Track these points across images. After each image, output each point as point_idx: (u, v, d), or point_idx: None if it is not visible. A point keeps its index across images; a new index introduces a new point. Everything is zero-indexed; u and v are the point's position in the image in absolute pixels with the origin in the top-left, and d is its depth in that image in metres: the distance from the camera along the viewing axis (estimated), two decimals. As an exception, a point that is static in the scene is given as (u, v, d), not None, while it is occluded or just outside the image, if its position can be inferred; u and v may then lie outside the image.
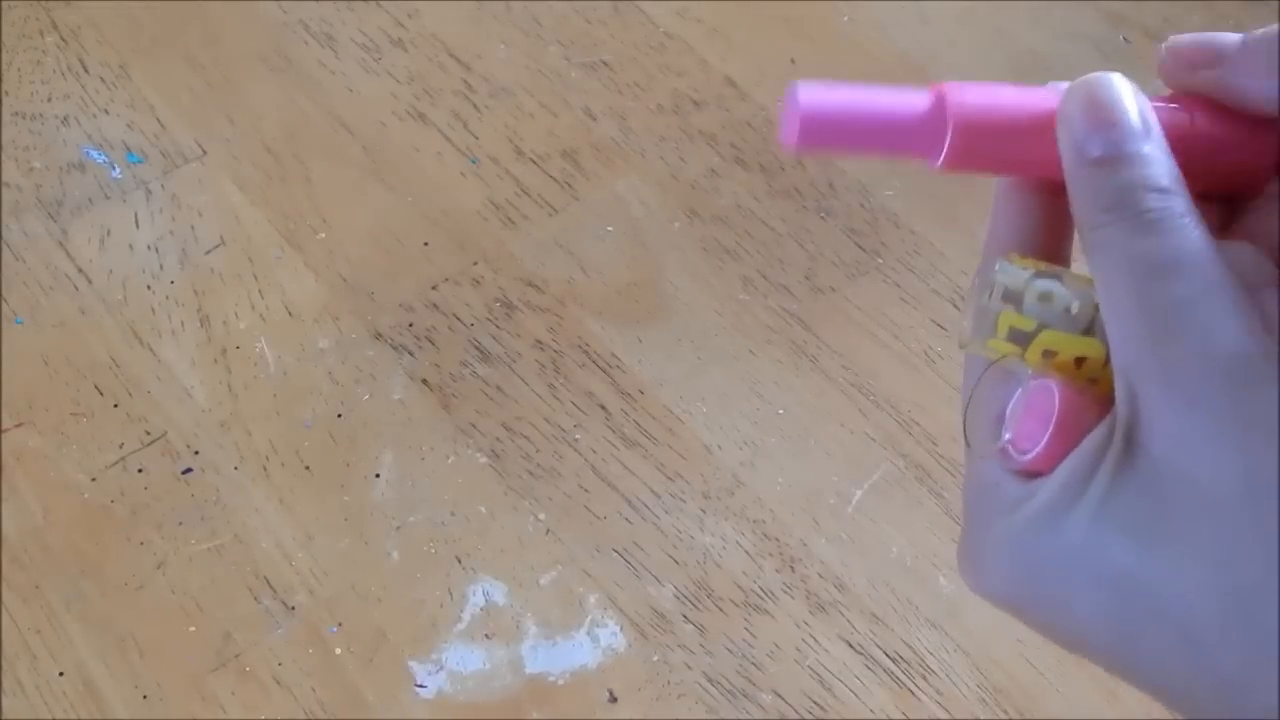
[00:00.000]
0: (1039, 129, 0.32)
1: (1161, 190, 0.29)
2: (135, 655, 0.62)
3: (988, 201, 0.35)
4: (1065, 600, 0.29)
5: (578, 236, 0.77)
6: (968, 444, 0.33)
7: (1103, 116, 0.30)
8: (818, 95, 0.33)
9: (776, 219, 0.77)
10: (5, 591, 0.63)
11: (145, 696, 0.60)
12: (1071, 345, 0.31)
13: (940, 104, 0.33)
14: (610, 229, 0.77)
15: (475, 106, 0.83)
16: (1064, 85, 0.32)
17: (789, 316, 0.73)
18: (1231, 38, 0.32)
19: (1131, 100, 0.30)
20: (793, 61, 0.86)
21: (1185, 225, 0.28)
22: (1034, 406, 0.31)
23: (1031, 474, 0.30)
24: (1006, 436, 0.31)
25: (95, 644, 0.62)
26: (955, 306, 0.74)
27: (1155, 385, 0.27)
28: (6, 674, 0.61)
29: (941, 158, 0.32)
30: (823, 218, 0.77)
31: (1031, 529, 0.29)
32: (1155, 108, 0.31)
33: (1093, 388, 0.31)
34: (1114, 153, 0.30)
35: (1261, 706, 0.25)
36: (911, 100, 0.34)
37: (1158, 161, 0.29)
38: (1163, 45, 0.33)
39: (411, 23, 0.88)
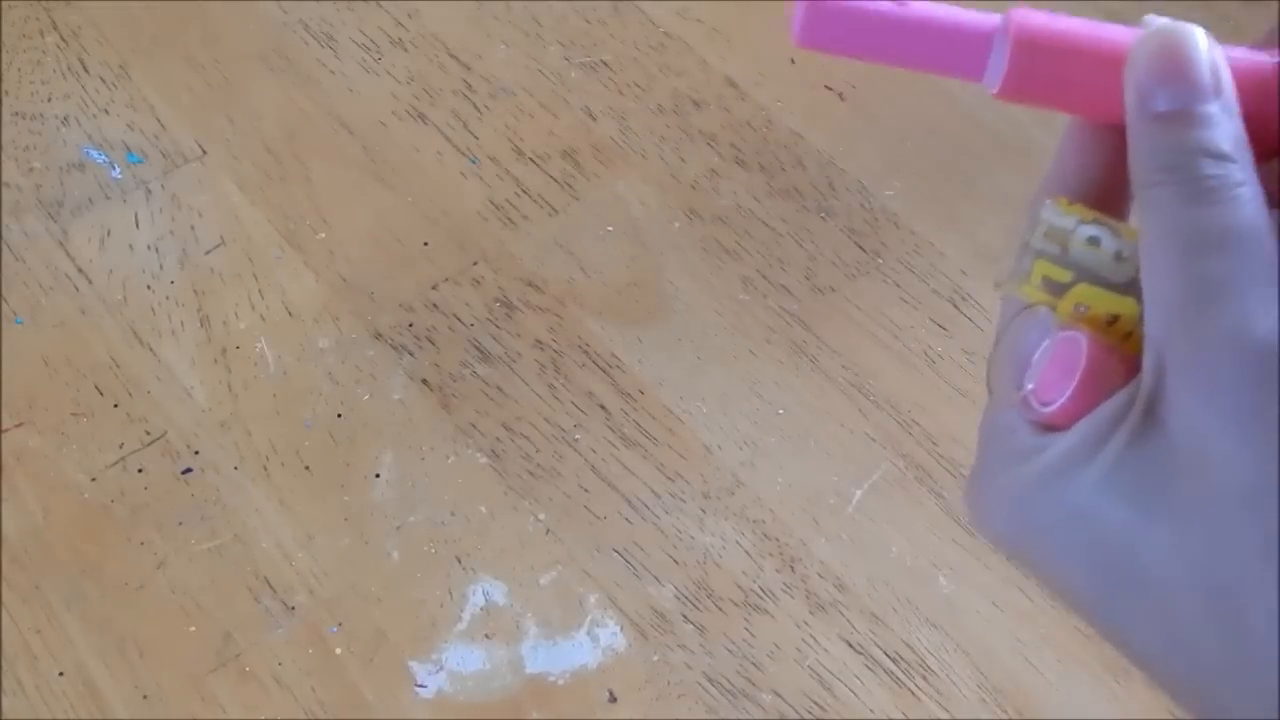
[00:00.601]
0: (1108, 65, 0.30)
1: (1221, 156, 0.27)
2: (135, 655, 0.62)
3: (988, 201, 0.35)
4: (1059, 557, 0.28)
5: (578, 236, 0.77)
6: (990, 388, 0.32)
7: (1172, 70, 0.28)
8: None
9: (776, 219, 0.77)
10: (5, 591, 0.63)
11: (145, 696, 0.60)
12: (1105, 302, 0.30)
13: (1005, 22, 0.30)
14: (610, 229, 0.77)
15: (475, 106, 0.83)
16: (1154, 20, 0.30)
17: (789, 316, 0.73)
18: None
19: (1205, 55, 0.28)
20: (793, 62, 0.86)
21: (1240, 197, 0.27)
22: (1060, 359, 0.30)
23: (1048, 427, 0.30)
24: (1029, 386, 0.30)
25: (95, 644, 0.62)
26: (955, 306, 0.74)
27: (1182, 361, 0.27)
28: (6, 674, 0.61)
29: (1000, 80, 0.30)
30: (823, 218, 0.77)
31: (1037, 483, 0.29)
32: (1238, 60, 0.30)
33: (1123, 345, 0.29)
34: (1178, 110, 0.28)
35: (1234, 696, 0.25)
36: (967, 14, 0.31)
37: (1222, 125, 0.28)
38: None
39: (411, 23, 0.88)
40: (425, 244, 0.77)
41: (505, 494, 0.67)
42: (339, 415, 0.69)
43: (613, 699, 0.60)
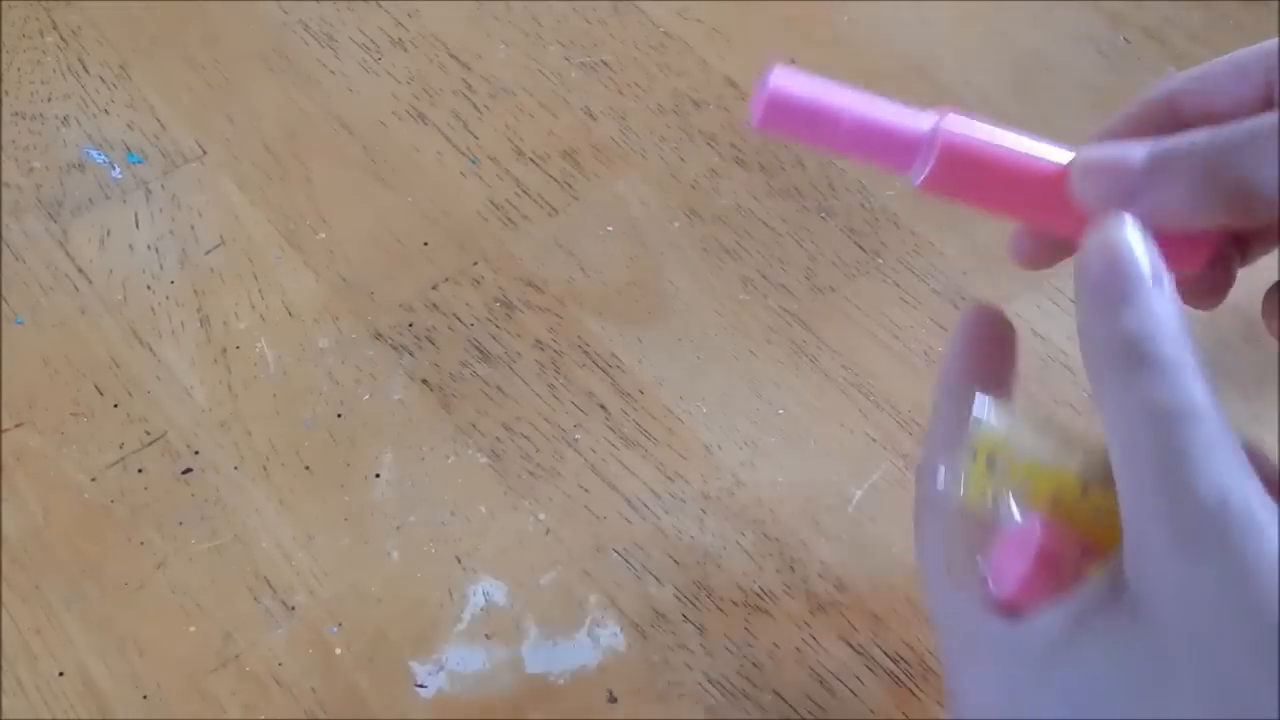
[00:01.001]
0: (1026, 176, 0.34)
1: (1173, 338, 0.30)
2: (135, 655, 0.62)
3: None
4: None
5: (578, 236, 0.77)
6: (931, 580, 0.34)
7: (1119, 266, 0.31)
8: (790, 80, 0.36)
9: (776, 219, 0.77)
10: (5, 591, 0.63)
11: (145, 696, 0.60)
12: (1046, 479, 0.32)
13: (937, 124, 0.35)
14: (610, 229, 0.77)
15: (475, 106, 0.83)
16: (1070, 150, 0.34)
17: (789, 316, 0.73)
18: (1135, 157, 0.33)
19: (1144, 250, 0.31)
20: (793, 61, 0.85)
21: (1195, 374, 0.29)
22: (1013, 541, 0.31)
23: (1010, 609, 0.31)
24: (984, 567, 0.32)
25: (95, 644, 0.62)
26: (955, 306, 0.74)
27: (1163, 534, 0.28)
28: (6, 674, 0.61)
29: (922, 179, 0.35)
30: (823, 218, 0.77)
31: (1022, 677, 0.30)
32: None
33: (1070, 519, 0.31)
34: (1130, 300, 0.30)
35: None
36: (901, 112, 0.37)
37: (1170, 311, 0.30)
38: (1072, 164, 0.34)
39: (411, 23, 0.88)
40: (425, 244, 0.77)
41: (505, 494, 0.67)
42: (339, 415, 0.69)
43: (613, 699, 0.60)
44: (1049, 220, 0.35)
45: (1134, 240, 0.31)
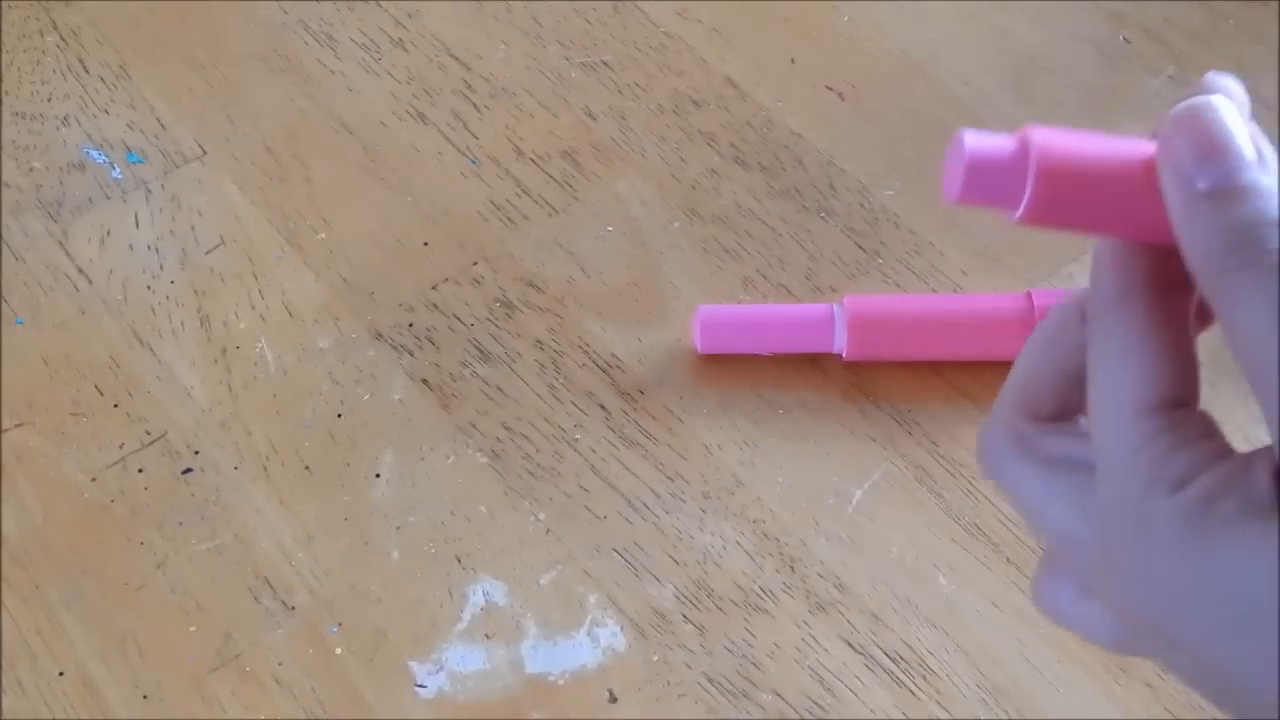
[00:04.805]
0: (1135, 180, 0.29)
1: None
2: (135, 655, 0.62)
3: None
4: (1225, 623, 0.27)
5: (578, 236, 0.77)
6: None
7: (1212, 145, 0.27)
8: (983, 141, 0.33)
9: (776, 219, 0.77)
10: (5, 591, 0.63)
11: (145, 696, 0.60)
12: None
13: (1024, 147, 0.31)
14: (610, 229, 0.77)
15: (475, 106, 0.83)
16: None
17: (789, 316, 0.73)
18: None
19: (1241, 126, 0.27)
20: (793, 61, 0.86)
21: None
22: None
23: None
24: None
25: (95, 644, 0.62)
26: (955, 306, 0.74)
27: None
28: (6, 674, 0.61)
29: (1022, 207, 0.31)
30: (823, 218, 0.77)
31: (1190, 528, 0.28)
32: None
33: None
34: (1228, 185, 0.26)
35: None
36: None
37: (1275, 191, 0.26)
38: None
39: (411, 23, 0.88)
40: (425, 244, 0.77)
41: (505, 494, 0.67)
42: (339, 415, 0.69)
43: (613, 699, 0.60)
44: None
45: (1226, 112, 0.27)
